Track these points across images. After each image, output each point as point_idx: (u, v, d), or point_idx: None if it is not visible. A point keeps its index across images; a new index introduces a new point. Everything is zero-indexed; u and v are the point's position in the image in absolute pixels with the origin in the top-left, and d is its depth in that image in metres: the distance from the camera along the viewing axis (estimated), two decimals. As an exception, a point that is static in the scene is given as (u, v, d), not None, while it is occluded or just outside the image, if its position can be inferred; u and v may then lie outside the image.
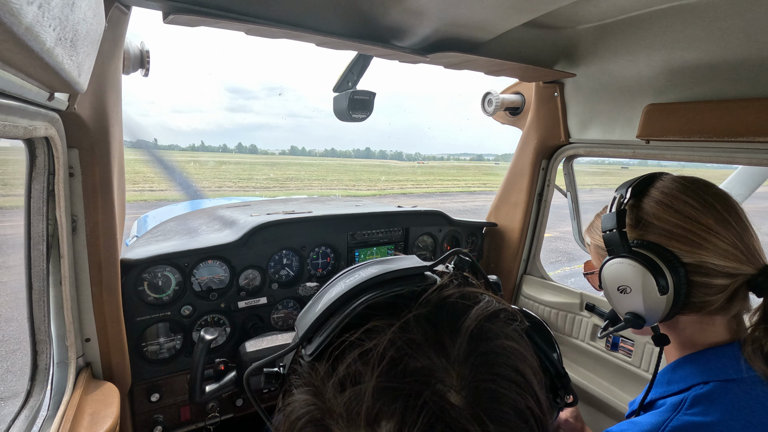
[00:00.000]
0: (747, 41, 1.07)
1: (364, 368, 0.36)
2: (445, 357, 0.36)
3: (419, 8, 1.01)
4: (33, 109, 0.75)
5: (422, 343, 0.36)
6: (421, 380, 0.34)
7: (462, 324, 0.38)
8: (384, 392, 0.34)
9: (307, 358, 0.41)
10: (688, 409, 0.73)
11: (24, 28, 0.36)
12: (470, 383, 0.35)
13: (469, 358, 0.36)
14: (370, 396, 0.34)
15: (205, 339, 1.32)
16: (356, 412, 0.34)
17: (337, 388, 0.36)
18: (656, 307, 0.78)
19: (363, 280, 0.44)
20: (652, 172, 0.90)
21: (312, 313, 0.44)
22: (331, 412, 0.36)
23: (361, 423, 0.34)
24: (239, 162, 64.24)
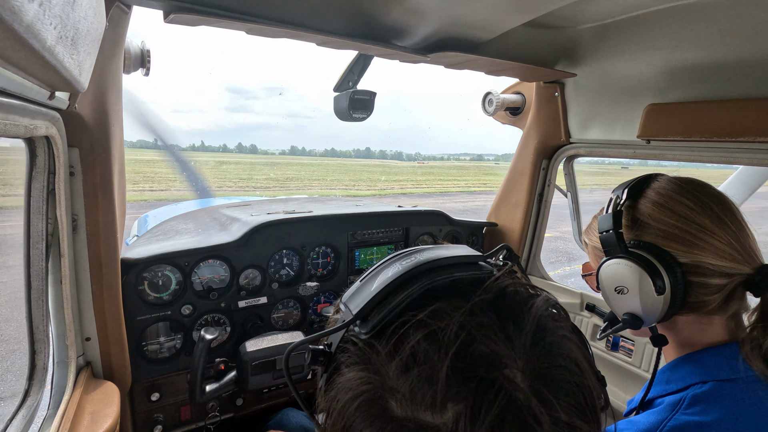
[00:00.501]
0: (748, 41, 1.07)
1: (433, 349, 0.36)
2: (511, 344, 0.37)
3: (420, 8, 1.01)
4: (34, 108, 0.75)
5: (489, 328, 0.37)
6: (492, 365, 0.35)
7: (527, 314, 0.39)
8: (457, 374, 0.34)
9: (362, 336, 0.42)
10: (687, 409, 0.74)
11: (25, 26, 0.36)
12: (535, 371, 0.36)
13: (535, 347, 0.37)
14: (443, 377, 0.34)
15: (206, 338, 1.32)
16: (424, 392, 0.35)
17: (402, 367, 0.37)
18: (653, 308, 0.78)
19: (422, 263, 0.44)
20: (648, 174, 0.91)
21: (367, 292, 0.44)
22: (393, 391, 0.36)
23: (427, 403, 0.34)
24: (239, 162, 64.25)
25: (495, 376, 0.34)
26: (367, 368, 0.39)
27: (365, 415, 0.37)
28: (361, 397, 0.38)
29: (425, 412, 0.35)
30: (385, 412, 0.36)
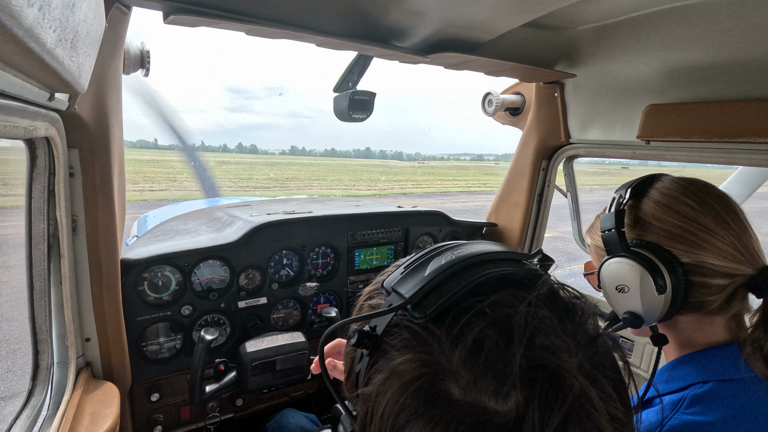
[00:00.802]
0: (747, 42, 1.07)
1: (501, 337, 0.37)
2: (569, 340, 0.38)
3: (419, 9, 1.01)
4: (33, 110, 0.75)
5: (549, 321, 0.39)
6: (555, 356, 0.37)
7: (579, 313, 0.41)
8: (524, 363, 0.35)
9: (419, 320, 0.42)
10: (687, 409, 0.73)
11: (24, 29, 0.36)
12: (591, 367, 0.38)
13: (589, 346, 0.39)
14: (515, 365, 0.35)
15: (206, 339, 1.33)
16: (490, 378, 0.36)
17: (466, 353, 0.37)
18: (654, 307, 0.78)
19: (476, 254, 0.46)
20: (652, 174, 0.91)
21: (419, 278, 0.45)
22: (455, 375, 0.37)
23: (491, 389, 0.35)
24: (239, 162, 64.24)
25: (559, 367, 0.36)
26: (425, 352, 0.39)
27: (423, 398, 0.37)
28: (420, 380, 0.38)
29: (489, 398, 0.35)
30: (445, 396, 0.37)
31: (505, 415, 0.35)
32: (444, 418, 0.36)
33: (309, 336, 1.60)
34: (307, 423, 1.55)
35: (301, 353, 1.47)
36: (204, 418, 1.61)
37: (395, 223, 1.97)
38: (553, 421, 0.34)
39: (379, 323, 0.45)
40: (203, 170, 6.23)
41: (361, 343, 0.44)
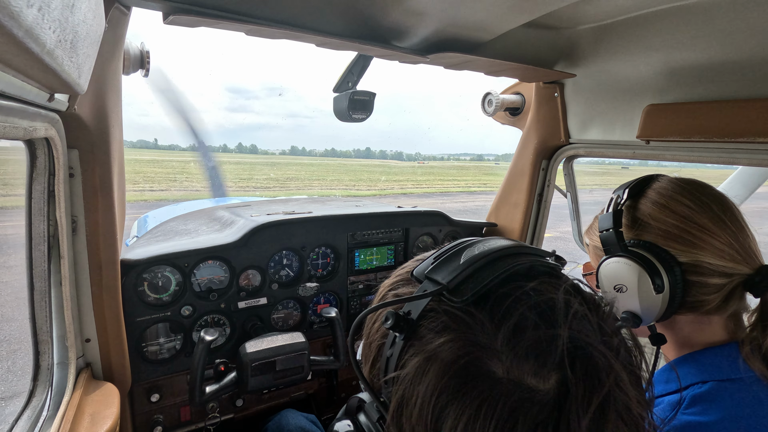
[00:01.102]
0: (747, 41, 1.07)
1: (544, 320, 0.40)
2: (600, 328, 0.42)
3: (419, 9, 1.01)
4: (33, 110, 0.75)
5: (582, 310, 0.42)
6: (594, 341, 0.40)
7: (602, 305, 0.45)
8: (570, 343, 0.38)
9: (458, 303, 0.44)
10: (687, 409, 0.74)
11: (24, 30, 0.36)
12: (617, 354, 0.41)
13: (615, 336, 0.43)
14: (559, 346, 0.38)
15: (206, 340, 1.32)
16: (534, 357, 0.38)
17: (510, 333, 0.40)
18: (652, 306, 0.79)
19: (507, 246, 0.49)
20: (649, 174, 0.91)
21: (455, 265, 0.47)
22: (498, 354, 0.39)
23: (533, 368, 0.38)
24: (239, 162, 64.21)
25: (598, 351, 0.39)
26: (466, 333, 0.41)
27: (466, 378, 0.39)
28: (462, 360, 0.40)
29: (531, 377, 0.38)
30: (488, 375, 0.39)
31: (546, 393, 0.37)
32: (489, 395, 0.37)
33: (309, 336, 1.60)
34: (307, 423, 1.55)
35: (301, 354, 1.47)
36: (204, 418, 1.61)
37: (395, 223, 1.97)
38: (595, 400, 0.36)
39: (413, 309, 0.47)
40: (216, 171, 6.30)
41: (396, 327, 0.45)
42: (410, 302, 0.47)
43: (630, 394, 0.39)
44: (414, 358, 0.43)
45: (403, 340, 0.46)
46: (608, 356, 0.39)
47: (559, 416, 0.36)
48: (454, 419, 0.38)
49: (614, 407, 0.37)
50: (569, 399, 0.36)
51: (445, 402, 0.39)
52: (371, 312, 0.52)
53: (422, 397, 0.41)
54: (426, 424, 0.40)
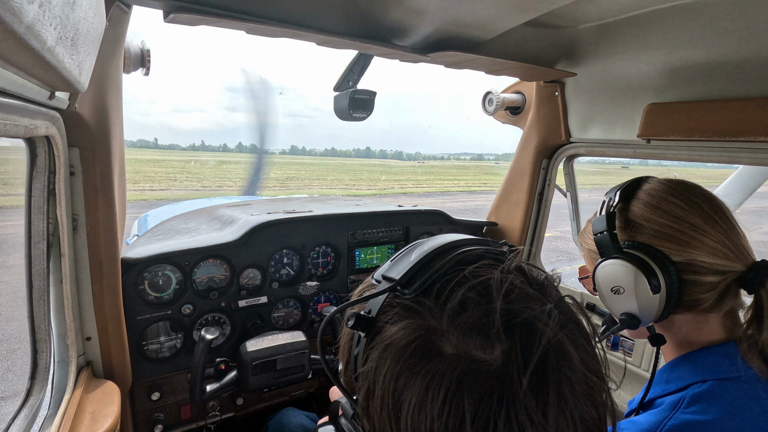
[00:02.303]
0: (748, 40, 1.07)
1: (482, 297, 0.43)
2: (541, 302, 0.44)
3: (420, 7, 1.01)
4: (34, 108, 0.75)
5: (522, 286, 0.45)
6: (531, 308, 0.42)
7: (549, 284, 0.48)
8: (504, 316, 0.41)
9: (409, 295, 0.47)
10: (687, 408, 0.74)
11: (25, 27, 0.36)
12: (563, 325, 0.43)
13: (560, 308, 0.45)
14: (496, 318, 0.41)
15: (206, 338, 1.33)
16: (476, 332, 0.41)
17: (453, 313, 0.43)
18: (650, 307, 0.79)
19: (453, 240, 0.54)
20: (639, 176, 0.92)
21: (405, 263, 0.52)
22: (445, 333, 0.42)
23: (478, 341, 0.41)
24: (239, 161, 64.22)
25: (533, 317, 0.41)
26: (416, 319, 0.45)
27: (419, 357, 0.42)
28: (414, 343, 0.43)
29: (477, 350, 0.40)
30: (438, 352, 0.41)
31: (492, 363, 0.39)
32: (437, 371, 0.40)
33: (309, 335, 1.60)
34: (307, 422, 1.55)
35: (301, 352, 1.47)
36: (204, 417, 1.61)
37: (395, 222, 1.97)
38: (532, 361, 0.39)
39: (373, 307, 0.50)
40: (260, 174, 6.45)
41: (357, 325, 0.49)
42: (371, 302, 0.51)
43: (570, 353, 0.41)
44: (374, 351, 0.46)
45: (366, 337, 0.49)
46: (544, 320, 0.41)
47: (503, 383, 0.38)
48: (409, 400, 0.41)
49: (555, 366, 0.39)
50: (510, 364, 0.39)
51: (403, 385, 0.42)
52: (335, 314, 0.56)
53: (382, 386, 0.44)
54: (389, 411, 0.43)
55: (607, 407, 0.44)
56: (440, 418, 0.39)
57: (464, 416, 0.38)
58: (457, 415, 0.39)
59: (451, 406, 0.39)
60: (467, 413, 0.38)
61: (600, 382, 0.43)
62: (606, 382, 0.45)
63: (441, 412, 0.39)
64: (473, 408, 0.38)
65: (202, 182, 29.03)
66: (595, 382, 0.43)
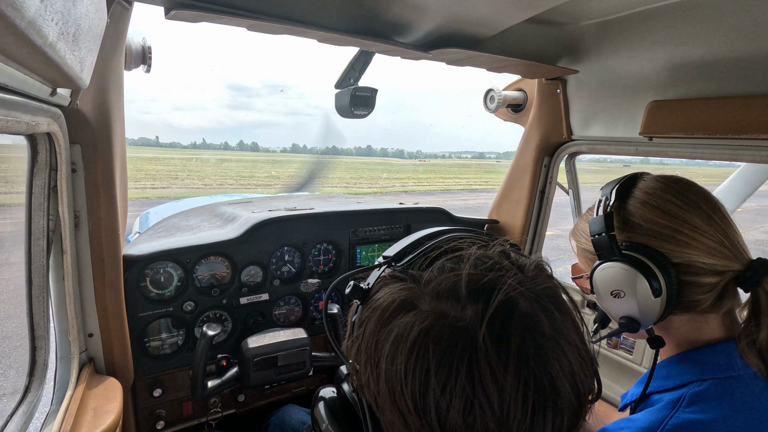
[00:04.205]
0: (751, 38, 1.06)
1: (455, 265, 0.49)
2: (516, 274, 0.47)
3: (421, 4, 1.01)
4: (35, 105, 0.75)
5: (499, 261, 0.49)
6: (500, 277, 0.46)
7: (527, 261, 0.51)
8: (473, 280, 0.46)
9: (398, 268, 0.54)
10: (687, 407, 0.74)
11: (26, 21, 0.36)
12: (537, 295, 0.46)
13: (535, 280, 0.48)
14: (464, 279, 0.45)
15: (208, 335, 1.33)
16: (449, 290, 0.46)
17: (432, 276, 0.48)
18: (650, 310, 0.78)
19: (443, 228, 0.61)
20: (633, 173, 0.90)
21: (401, 243, 0.60)
22: (423, 294, 0.47)
23: (451, 301, 0.45)
24: (240, 159, 64.22)
25: (501, 283, 0.45)
26: (400, 284, 0.50)
27: (398, 311, 0.47)
28: (396, 302, 0.48)
29: (451, 309, 0.44)
30: (416, 307, 0.46)
31: (461, 320, 0.43)
32: (410, 322, 0.45)
33: (311, 332, 1.60)
34: (308, 419, 1.56)
35: (302, 349, 1.48)
36: (206, 413, 1.62)
37: (397, 219, 1.97)
38: (488, 311, 0.42)
39: (371, 281, 0.56)
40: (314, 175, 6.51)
41: (354, 294, 0.55)
42: (370, 276, 0.58)
43: (539, 316, 0.44)
44: (365, 314, 0.51)
45: (361, 305, 0.54)
46: (512, 286, 0.45)
47: (466, 335, 0.42)
48: (385, 351, 0.46)
49: (518, 325, 0.43)
50: (474, 317, 0.43)
51: (382, 339, 0.47)
52: (342, 280, 0.65)
53: (366, 341, 0.49)
54: (371, 364, 0.48)
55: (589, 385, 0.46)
56: (408, 366, 0.43)
57: (429, 364, 0.42)
58: (423, 363, 0.42)
59: (418, 354, 0.43)
60: (432, 361, 0.42)
61: (577, 354, 0.45)
62: (591, 360, 0.48)
63: (408, 359, 0.43)
64: (438, 356, 0.42)
65: (203, 180, 29.06)
66: (571, 352, 0.45)
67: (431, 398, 0.42)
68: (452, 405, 0.41)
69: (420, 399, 0.42)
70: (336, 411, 0.60)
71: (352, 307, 0.58)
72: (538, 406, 0.42)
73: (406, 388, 0.43)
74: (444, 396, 0.41)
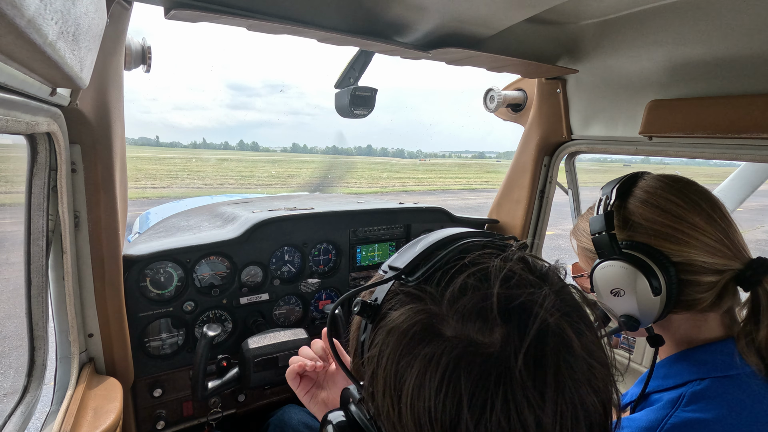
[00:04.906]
0: (751, 37, 1.06)
1: (481, 283, 0.44)
2: (541, 288, 0.44)
3: (421, 3, 1.01)
4: (35, 105, 0.75)
5: (521, 273, 0.45)
6: (529, 293, 0.43)
7: (549, 272, 0.48)
8: (502, 301, 0.42)
9: (412, 283, 0.49)
10: (686, 406, 0.74)
11: (26, 20, 0.36)
12: (563, 311, 0.43)
13: (559, 294, 0.45)
14: (494, 302, 0.42)
15: (208, 335, 1.33)
16: (475, 314, 0.42)
17: (453, 298, 0.44)
18: (650, 309, 0.78)
19: (456, 232, 0.56)
20: (634, 172, 0.91)
21: (410, 253, 0.54)
22: (445, 317, 0.43)
23: (477, 325, 0.42)
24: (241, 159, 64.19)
25: (531, 301, 0.42)
26: (418, 304, 0.46)
27: (419, 340, 0.43)
28: (415, 327, 0.44)
29: (477, 334, 0.41)
30: (439, 334, 0.42)
31: (490, 346, 0.40)
32: (436, 351, 0.41)
33: (311, 332, 1.60)
34: (309, 419, 1.56)
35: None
36: (206, 413, 1.62)
37: (397, 219, 1.97)
38: (526, 341, 0.39)
39: (379, 295, 0.52)
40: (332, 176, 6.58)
41: (363, 312, 0.50)
42: (378, 290, 0.52)
43: (570, 336, 0.41)
44: (378, 336, 0.47)
45: (372, 323, 0.50)
46: (541, 304, 0.42)
47: (500, 364, 0.39)
48: (409, 381, 0.42)
49: (554, 349, 0.40)
50: (507, 346, 0.40)
51: (403, 368, 0.43)
52: (341, 302, 0.58)
53: (384, 369, 0.45)
54: (391, 393, 0.44)
55: (612, 397, 0.44)
56: (438, 399, 0.40)
57: (461, 397, 0.39)
58: (454, 396, 0.39)
59: (448, 386, 0.40)
60: (464, 393, 0.39)
61: (603, 370, 0.44)
62: (611, 372, 0.45)
63: (438, 392, 0.40)
64: (470, 388, 0.39)
65: (204, 180, 29.06)
66: (599, 369, 0.43)
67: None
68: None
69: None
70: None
71: (355, 322, 0.55)
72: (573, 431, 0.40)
73: (436, 423, 0.40)
74: (478, 430, 0.39)
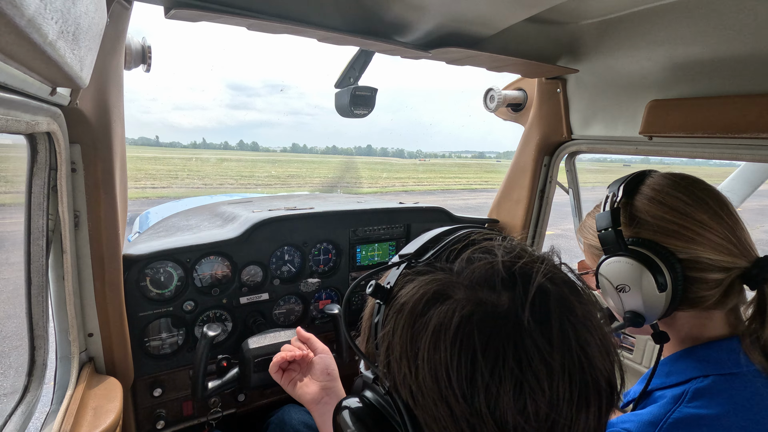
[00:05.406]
0: (751, 37, 1.06)
1: (485, 255, 0.49)
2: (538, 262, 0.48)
3: (421, 3, 1.01)
4: (35, 104, 0.75)
5: (522, 249, 0.51)
6: (530, 264, 0.47)
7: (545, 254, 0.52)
8: (507, 267, 0.47)
9: (422, 263, 0.53)
10: (690, 402, 0.74)
11: (26, 20, 0.36)
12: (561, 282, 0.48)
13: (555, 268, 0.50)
14: (500, 268, 0.46)
15: (208, 335, 1.33)
16: (483, 278, 0.46)
17: (463, 267, 0.49)
18: (655, 305, 0.79)
19: (462, 225, 0.61)
20: (641, 170, 0.91)
21: (419, 241, 0.60)
22: (455, 284, 0.47)
23: (485, 288, 0.45)
24: (240, 159, 64.21)
25: (533, 270, 0.46)
26: (429, 277, 0.49)
27: (432, 301, 0.46)
28: (427, 294, 0.47)
29: (485, 295, 0.45)
30: (449, 297, 0.46)
31: (499, 305, 0.44)
32: (450, 308, 0.44)
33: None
34: (309, 419, 1.56)
35: None
36: (206, 413, 1.62)
37: (397, 219, 1.97)
38: (529, 294, 0.44)
39: (391, 280, 0.54)
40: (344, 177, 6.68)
41: (376, 293, 0.53)
42: (390, 275, 0.56)
43: (567, 296, 0.46)
44: (391, 315, 0.50)
45: (384, 304, 0.53)
46: (537, 268, 0.46)
47: (509, 319, 0.43)
48: (424, 340, 0.45)
49: (556, 305, 0.44)
50: (514, 303, 0.44)
51: (418, 329, 0.46)
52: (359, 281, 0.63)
53: (400, 336, 0.47)
54: (407, 356, 0.46)
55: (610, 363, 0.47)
56: (453, 352, 0.42)
57: (475, 349, 0.42)
58: (469, 348, 0.42)
59: (462, 339, 0.42)
60: (478, 346, 0.42)
61: (601, 334, 0.47)
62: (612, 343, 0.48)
63: (453, 345, 0.42)
64: (484, 340, 0.42)
65: (203, 180, 29.06)
66: (597, 334, 0.46)
67: (480, 384, 0.41)
68: (502, 388, 0.41)
69: (468, 386, 0.42)
70: (362, 416, 0.56)
71: (369, 307, 0.57)
72: (582, 386, 0.42)
73: (452, 374, 0.42)
74: (493, 379, 0.41)
